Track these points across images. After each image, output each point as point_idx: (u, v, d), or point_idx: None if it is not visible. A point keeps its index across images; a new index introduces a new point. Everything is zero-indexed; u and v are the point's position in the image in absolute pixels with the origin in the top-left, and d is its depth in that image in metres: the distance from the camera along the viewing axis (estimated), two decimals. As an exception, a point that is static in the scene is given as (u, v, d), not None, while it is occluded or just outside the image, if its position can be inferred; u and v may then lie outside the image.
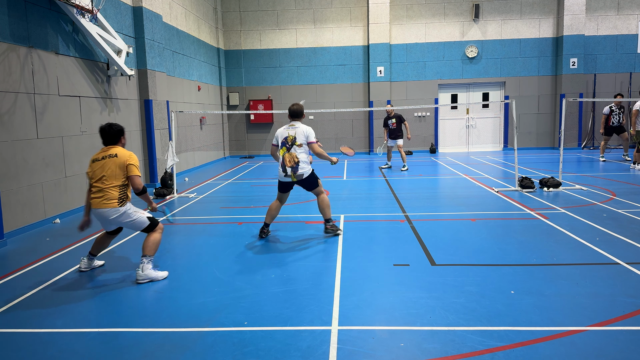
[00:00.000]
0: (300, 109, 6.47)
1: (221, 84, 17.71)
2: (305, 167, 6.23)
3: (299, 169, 6.17)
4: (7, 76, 6.72)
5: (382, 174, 12.27)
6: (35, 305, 4.35)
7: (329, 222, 6.41)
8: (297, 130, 6.28)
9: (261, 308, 4.13)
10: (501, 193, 9.12)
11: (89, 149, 8.75)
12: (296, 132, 6.27)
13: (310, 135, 6.28)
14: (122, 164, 4.86)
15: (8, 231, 6.63)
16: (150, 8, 10.87)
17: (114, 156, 4.88)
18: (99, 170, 4.84)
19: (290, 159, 6.18)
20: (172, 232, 7.08)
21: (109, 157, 4.88)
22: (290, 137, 6.26)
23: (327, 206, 6.37)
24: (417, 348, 3.39)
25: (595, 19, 17.34)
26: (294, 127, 6.32)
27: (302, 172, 6.19)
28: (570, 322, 3.72)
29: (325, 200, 6.39)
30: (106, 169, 4.83)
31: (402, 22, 17.74)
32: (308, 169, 6.26)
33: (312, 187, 6.37)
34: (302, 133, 6.26)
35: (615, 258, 5.17)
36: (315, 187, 6.39)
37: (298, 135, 6.24)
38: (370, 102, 17.76)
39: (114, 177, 4.83)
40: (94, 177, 4.87)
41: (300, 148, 6.21)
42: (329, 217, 6.42)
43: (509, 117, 17.63)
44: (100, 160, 4.89)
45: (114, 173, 4.83)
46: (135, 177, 4.87)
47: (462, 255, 5.44)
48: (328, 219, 6.42)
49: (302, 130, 6.28)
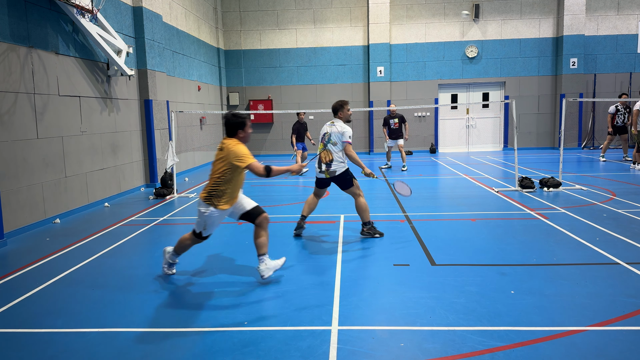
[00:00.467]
0: (336, 105, 6.36)
1: (221, 84, 17.71)
2: (339, 165, 6.15)
3: (332, 166, 6.14)
4: (7, 76, 6.72)
5: (382, 174, 12.27)
6: (35, 305, 4.35)
7: (366, 226, 6.29)
8: (333, 128, 6.22)
9: (261, 308, 4.13)
10: (501, 193, 9.12)
11: (89, 149, 8.75)
12: (332, 130, 6.22)
13: (344, 135, 6.15)
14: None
15: (8, 231, 6.63)
16: (150, 8, 10.87)
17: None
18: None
19: (326, 155, 6.18)
20: (172, 232, 7.08)
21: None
22: (327, 134, 6.24)
23: (364, 210, 6.22)
24: (417, 348, 3.39)
25: (595, 19, 17.34)
26: (333, 124, 6.28)
27: (335, 169, 6.14)
28: (570, 322, 3.72)
29: (362, 204, 6.22)
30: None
31: (402, 22, 17.75)
32: (342, 166, 6.17)
33: (346, 186, 6.24)
34: (337, 132, 6.18)
35: (615, 258, 5.17)
36: (350, 187, 6.25)
37: (333, 133, 6.19)
38: (370, 102, 17.76)
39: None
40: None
41: (335, 146, 6.16)
42: (367, 220, 6.27)
43: (509, 117, 17.63)
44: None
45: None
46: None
47: (462, 255, 5.44)
48: (366, 222, 6.28)
49: (337, 129, 6.19)
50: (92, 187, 8.83)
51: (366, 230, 6.30)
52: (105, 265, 5.46)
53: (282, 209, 8.32)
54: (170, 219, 7.80)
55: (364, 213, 6.23)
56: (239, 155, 4.52)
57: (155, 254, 5.95)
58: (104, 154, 9.28)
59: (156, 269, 5.31)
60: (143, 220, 7.72)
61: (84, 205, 8.53)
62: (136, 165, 10.62)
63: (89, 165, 8.76)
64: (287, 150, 18.32)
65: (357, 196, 6.25)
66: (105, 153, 9.33)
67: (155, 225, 7.37)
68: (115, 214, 8.19)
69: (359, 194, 6.26)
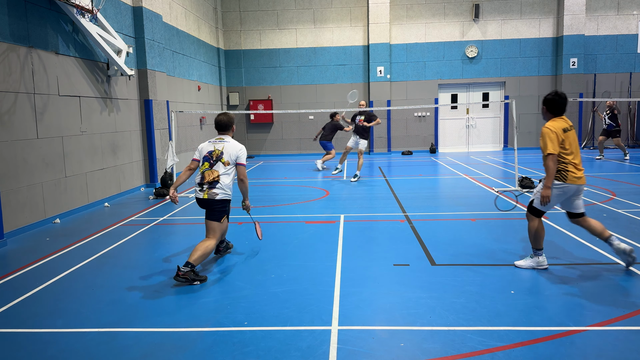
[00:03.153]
0: (229, 120, 5.37)
1: (221, 84, 17.71)
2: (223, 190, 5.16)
3: (215, 188, 5.11)
4: (7, 76, 6.72)
5: (381, 173, 12.26)
6: (35, 305, 4.35)
7: (188, 266, 4.72)
8: (226, 145, 5.25)
9: (261, 308, 4.13)
10: (501, 193, 9.12)
11: (89, 149, 8.75)
12: (224, 147, 5.24)
13: (241, 156, 5.24)
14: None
15: (8, 231, 6.63)
16: (150, 8, 10.87)
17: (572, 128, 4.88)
18: None
19: (210, 175, 5.16)
20: (172, 232, 7.09)
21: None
22: (216, 152, 5.24)
23: (204, 253, 4.90)
24: (417, 348, 3.39)
25: (595, 19, 17.34)
26: (222, 141, 5.30)
27: (217, 192, 5.11)
28: (570, 322, 3.72)
29: (210, 247, 5.01)
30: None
31: (402, 22, 17.74)
32: (225, 194, 5.18)
33: (214, 217, 5.15)
34: (231, 150, 5.21)
35: (615, 258, 5.17)
36: (216, 220, 5.15)
37: (226, 151, 5.21)
38: (370, 102, 17.75)
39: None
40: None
41: (226, 167, 5.19)
42: (196, 264, 4.81)
43: (509, 117, 17.63)
44: (571, 131, 4.85)
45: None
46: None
47: (462, 255, 5.44)
48: (191, 263, 4.76)
49: (231, 147, 5.23)
50: (92, 187, 8.83)
51: (181, 275, 4.67)
52: (105, 265, 5.46)
53: (282, 209, 8.32)
54: (170, 219, 7.80)
55: (202, 255, 4.87)
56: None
57: (155, 254, 5.96)
58: (104, 154, 9.28)
59: (156, 269, 5.31)
60: (143, 220, 7.73)
61: (84, 205, 8.54)
62: (136, 165, 10.63)
63: (89, 165, 8.76)
64: (288, 150, 18.34)
65: (214, 237, 5.12)
66: (105, 153, 9.33)
67: (155, 225, 7.37)
68: (115, 214, 8.19)
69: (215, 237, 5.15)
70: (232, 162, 5.20)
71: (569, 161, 4.74)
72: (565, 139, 4.73)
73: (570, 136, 4.80)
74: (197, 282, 4.76)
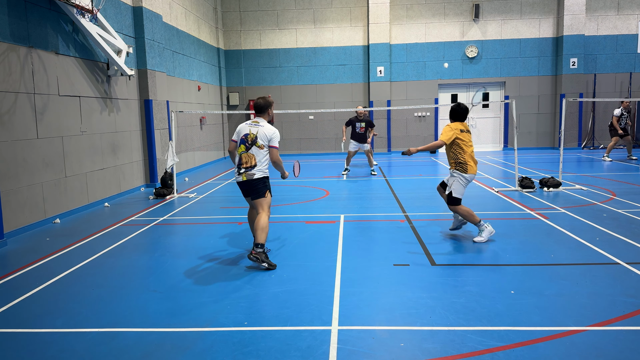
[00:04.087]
0: (266, 103, 5.52)
1: (221, 84, 17.71)
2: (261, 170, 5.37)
3: (253, 170, 5.32)
4: (7, 76, 6.72)
5: (381, 173, 12.26)
6: (35, 305, 4.35)
7: (257, 247, 5.11)
8: (260, 129, 5.39)
9: (261, 308, 4.13)
10: (501, 193, 9.12)
11: (89, 149, 8.75)
12: (258, 130, 5.38)
13: (274, 139, 5.39)
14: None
15: (8, 231, 6.63)
16: (150, 8, 10.87)
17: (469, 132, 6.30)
18: None
19: (247, 158, 5.34)
20: (172, 232, 7.09)
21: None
22: (251, 135, 5.40)
23: (262, 228, 5.21)
24: (417, 348, 3.39)
25: (595, 19, 17.34)
26: (257, 124, 5.44)
27: (254, 172, 5.32)
28: (570, 322, 3.72)
29: (264, 221, 5.27)
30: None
31: (402, 22, 17.75)
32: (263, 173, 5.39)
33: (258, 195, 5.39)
34: (265, 134, 5.35)
35: (615, 258, 5.17)
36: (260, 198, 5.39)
37: (260, 135, 5.36)
38: (370, 102, 17.76)
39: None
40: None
41: (261, 150, 5.35)
42: (262, 242, 5.16)
43: (509, 117, 17.63)
44: (468, 133, 6.29)
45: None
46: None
47: (462, 255, 5.44)
48: (260, 243, 5.15)
49: (265, 131, 5.37)
50: (92, 187, 8.83)
51: (254, 254, 5.07)
52: (105, 265, 5.46)
53: (283, 209, 8.32)
54: (170, 219, 7.80)
55: (263, 232, 5.18)
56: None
57: (155, 253, 5.96)
58: (104, 154, 9.28)
59: (156, 269, 5.31)
60: (143, 220, 7.73)
61: (84, 205, 8.54)
62: (136, 165, 10.63)
63: (89, 165, 8.76)
64: (288, 150, 18.31)
65: (265, 212, 5.37)
66: (105, 153, 9.33)
67: (155, 225, 7.37)
68: (115, 214, 8.19)
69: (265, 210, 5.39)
70: (266, 145, 5.38)
71: (468, 156, 6.04)
72: (462, 137, 6.06)
73: (466, 136, 6.13)
74: (265, 264, 5.09)
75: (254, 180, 5.35)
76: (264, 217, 5.30)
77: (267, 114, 5.56)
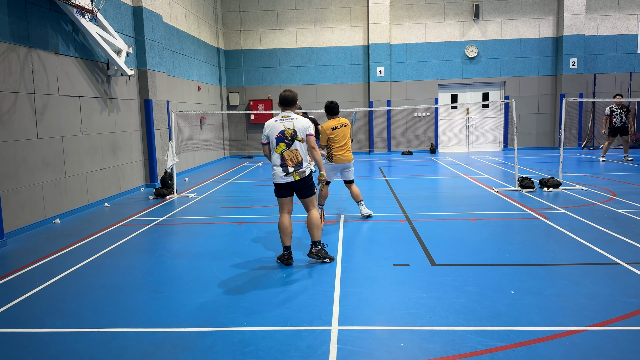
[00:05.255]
0: (294, 96, 5.31)
1: (221, 84, 17.71)
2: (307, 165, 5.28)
3: (303, 167, 5.19)
4: (7, 76, 6.72)
5: (381, 173, 12.26)
6: (35, 305, 4.35)
7: (316, 246, 5.27)
8: (295, 122, 5.20)
9: (261, 308, 4.13)
10: (501, 193, 9.12)
11: (89, 149, 8.75)
12: (294, 124, 5.19)
13: (309, 127, 5.24)
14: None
15: (8, 231, 6.63)
16: (150, 8, 10.87)
17: (345, 125, 7.15)
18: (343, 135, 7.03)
19: (292, 156, 5.16)
20: (172, 232, 7.09)
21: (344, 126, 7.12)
22: (288, 130, 5.17)
23: (317, 226, 5.29)
24: (417, 348, 3.39)
25: (595, 19, 17.34)
26: (290, 118, 5.23)
27: (304, 169, 5.20)
28: (570, 322, 3.72)
29: (316, 219, 5.32)
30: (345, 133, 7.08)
31: (402, 22, 17.74)
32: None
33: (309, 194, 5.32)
34: (301, 126, 5.19)
35: (615, 258, 5.17)
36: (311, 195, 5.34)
37: (297, 128, 5.17)
38: (370, 102, 17.76)
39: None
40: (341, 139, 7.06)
41: (302, 144, 5.20)
42: (318, 240, 5.31)
43: (509, 117, 17.64)
44: (339, 128, 7.06)
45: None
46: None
47: (462, 255, 5.44)
48: (317, 241, 5.29)
49: (300, 123, 5.20)
50: (92, 187, 8.83)
51: (315, 253, 5.25)
52: (105, 265, 5.46)
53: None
54: (170, 219, 7.80)
55: (318, 229, 5.28)
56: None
57: (155, 253, 5.96)
58: (104, 154, 9.28)
59: (156, 269, 5.31)
60: (143, 220, 7.73)
61: (84, 205, 8.54)
62: (136, 165, 10.63)
63: (89, 165, 8.76)
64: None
65: (315, 207, 5.38)
66: (105, 153, 9.33)
67: (155, 225, 7.37)
68: (115, 214, 8.19)
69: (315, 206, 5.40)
70: (304, 136, 5.18)
71: (334, 147, 7.05)
72: (332, 133, 7.01)
73: (340, 132, 7.04)
74: (327, 260, 5.27)
75: (306, 178, 5.20)
76: (316, 213, 5.30)
77: (295, 106, 5.32)
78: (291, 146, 5.12)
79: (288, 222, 5.25)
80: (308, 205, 5.32)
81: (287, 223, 5.23)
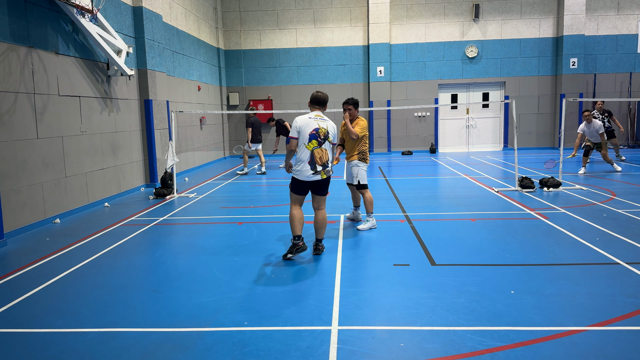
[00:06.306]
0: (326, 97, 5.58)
1: (221, 84, 17.71)
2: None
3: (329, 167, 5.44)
4: (7, 76, 6.72)
5: (381, 173, 12.27)
6: (35, 305, 4.35)
7: (321, 242, 5.66)
8: (329, 124, 5.42)
9: (261, 308, 4.13)
10: (501, 193, 9.12)
11: (89, 149, 8.75)
12: (328, 126, 5.39)
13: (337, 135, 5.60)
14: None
15: (8, 231, 6.63)
16: (150, 8, 10.87)
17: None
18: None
19: (322, 154, 5.34)
20: (172, 232, 7.08)
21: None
22: (323, 130, 5.34)
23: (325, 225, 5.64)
24: (417, 348, 3.39)
25: (595, 19, 17.34)
26: (324, 119, 5.42)
27: (330, 170, 5.46)
28: (570, 322, 3.72)
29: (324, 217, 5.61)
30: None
31: (402, 22, 17.75)
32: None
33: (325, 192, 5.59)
34: (333, 130, 5.46)
35: (615, 258, 5.17)
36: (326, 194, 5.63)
37: (330, 131, 5.39)
38: (370, 102, 17.76)
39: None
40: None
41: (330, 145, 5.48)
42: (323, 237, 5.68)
43: (509, 117, 17.64)
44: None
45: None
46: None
47: (462, 255, 5.44)
48: (322, 238, 5.66)
49: (332, 127, 5.46)
50: (92, 187, 8.83)
51: (322, 249, 5.63)
52: (105, 265, 5.46)
53: (283, 208, 8.32)
54: (170, 219, 7.80)
55: (325, 228, 5.61)
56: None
57: (155, 253, 5.96)
58: (104, 154, 9.28)
59: (156, 269, 5.31)
60: (143, 220, 7.73)
61: (84, 205, 8.54)
62: (136, 165, 10.63)
63: (89, 165, 8.76)
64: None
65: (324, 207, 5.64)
66: (105, 153, 9.33)
67: (155, 225, 7.37)
68: (115, 214, 8.19)
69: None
70: (334, 141, 5.50)
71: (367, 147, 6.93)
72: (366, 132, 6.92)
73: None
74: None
75: (329, 178, 5.46)
76: (325, 212, 5.57)
77: (325, 107, 5.55)
78: (322, 145, 5.36)
79: (301, 212, 5.49)
80: (321, 203, 5.55)
81: (300, 213, 5.47)
